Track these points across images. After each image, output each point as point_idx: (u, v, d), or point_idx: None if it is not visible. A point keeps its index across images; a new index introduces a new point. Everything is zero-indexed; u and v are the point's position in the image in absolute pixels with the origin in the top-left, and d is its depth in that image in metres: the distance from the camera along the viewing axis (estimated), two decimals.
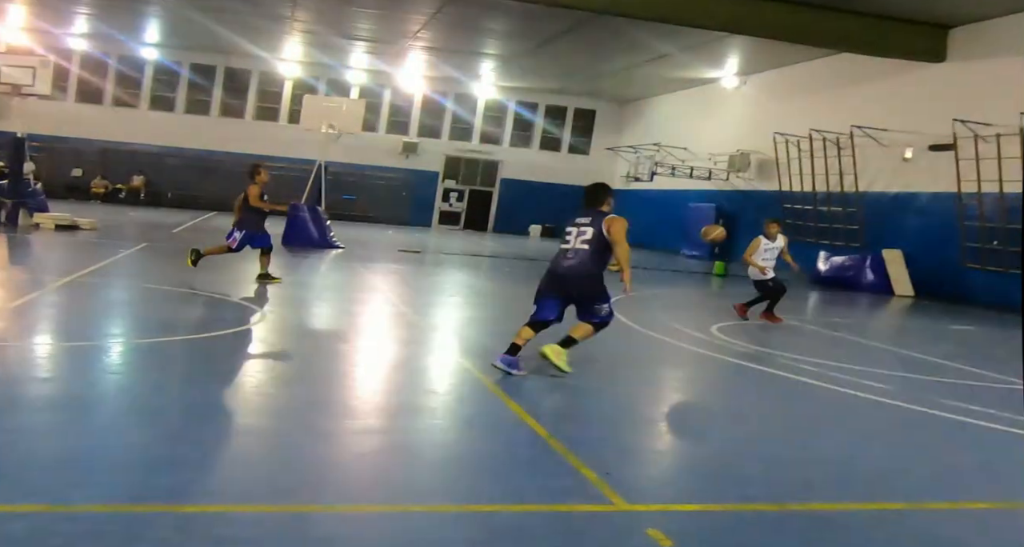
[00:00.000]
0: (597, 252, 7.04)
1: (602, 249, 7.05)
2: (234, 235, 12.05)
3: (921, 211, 21.83)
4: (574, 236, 7.14)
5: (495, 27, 26.54)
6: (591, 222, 7.11)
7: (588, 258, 7.03)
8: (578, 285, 7.10)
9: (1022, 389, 8.58)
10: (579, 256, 7.06)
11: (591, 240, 7.03)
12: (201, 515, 3.68)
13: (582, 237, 7.08)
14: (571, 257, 7.09)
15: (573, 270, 7.08)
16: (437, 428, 5.57)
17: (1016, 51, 19.39)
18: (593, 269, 7.08)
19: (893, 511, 4.60)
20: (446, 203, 39.66)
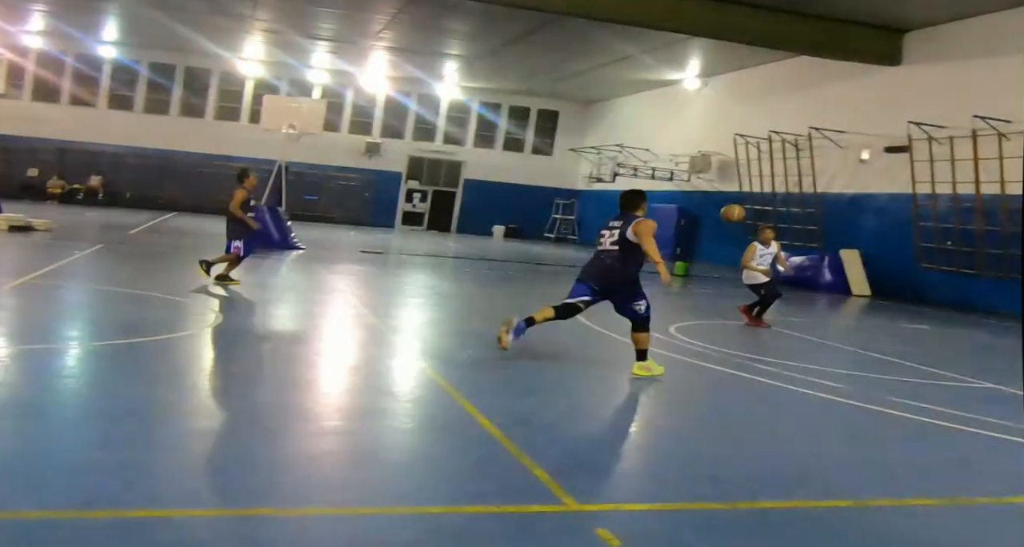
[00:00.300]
0: (625, 252, 7.55)
1: (630, 249, 7.53)
2: (235, 245, 11.94)
3: (878, 212, 22.17)
4: (606, 238, 7.72)
5: (458, 27, 26.54)
6: (622, 226, 7.62)
7: (617, 258, 7.59)
8: (610, 283, 7.68)
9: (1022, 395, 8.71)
10: (610, 256, 7.65)
11: (619, 241, 7.57)
12: (145, 520, 3.64)
13: (611, 239, 7.65)
14: (603, 257, 7.70)
15: (605, 269, 7.68)
16: (391, 430, 5.56)
17: (968, 55, 19.78)
18: (622, 268, 7.62)
19: (842, 509, 4.66)
20: (409, 204, 39.56)
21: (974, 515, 4.85)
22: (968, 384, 9.15)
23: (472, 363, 8.12)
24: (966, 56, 19.89)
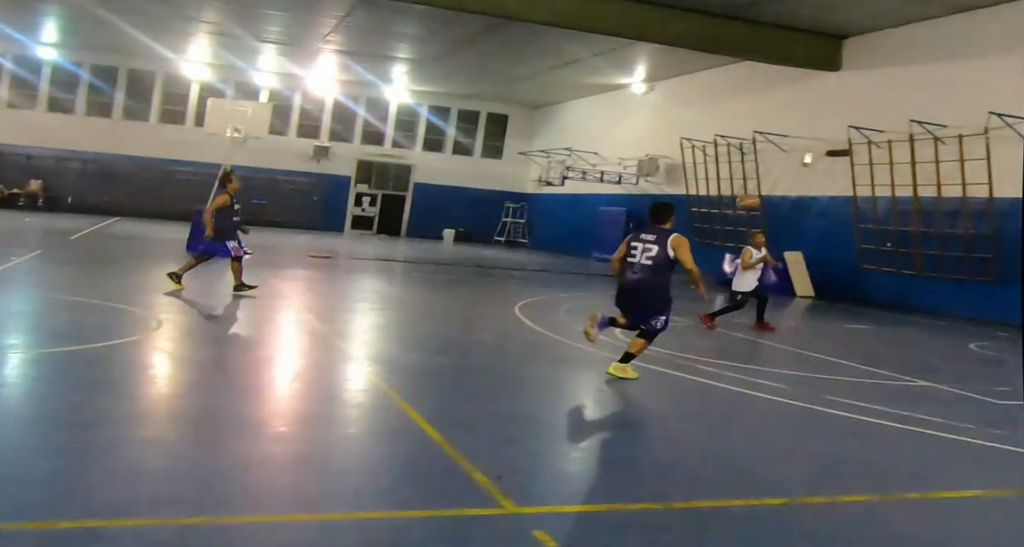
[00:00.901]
0: (660, 269, 7.68)
1: (665, 266, 7.68)
2: (230, 245, 11.95)
3: (820, 214, 22.60)
4: (640, 252, 7.74)
5: (406, 31, 26.46)
6: (656, 240, 7.71)
7: (651, 274, 7.68)
8: (641, 296, 7.83)
9: (957, 392, 8.93)
10: (644, 272, 7.70)
11: (655, 257, 7.65)
12: (77, 531, 3.59)
13: (647, 254, 7.68)
14: (637, 272, 7.74)
15: (639, 283, 7.75)
16: (331, 436, 5.54)
17: (905, 61, 20.27)
18: (656, 283, 7.74)
19: (776, 507, 4.75)
20: (358, 208, 39.33)
21: (907, 511, 4.97)
22: (905, 382, 9.37)
23: (417, 368, 8.12)
24: (903, 62, 20.39)
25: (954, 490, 5.39)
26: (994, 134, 17.27)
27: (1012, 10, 17.71)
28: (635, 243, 7.80)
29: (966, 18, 18.72)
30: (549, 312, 13.30)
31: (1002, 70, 17.78)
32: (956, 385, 9.27)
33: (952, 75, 18.91)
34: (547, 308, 13.90)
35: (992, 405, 8.43)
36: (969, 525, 4.81)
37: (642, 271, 7.69)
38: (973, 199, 17.96)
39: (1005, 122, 17.02)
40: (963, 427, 7.06)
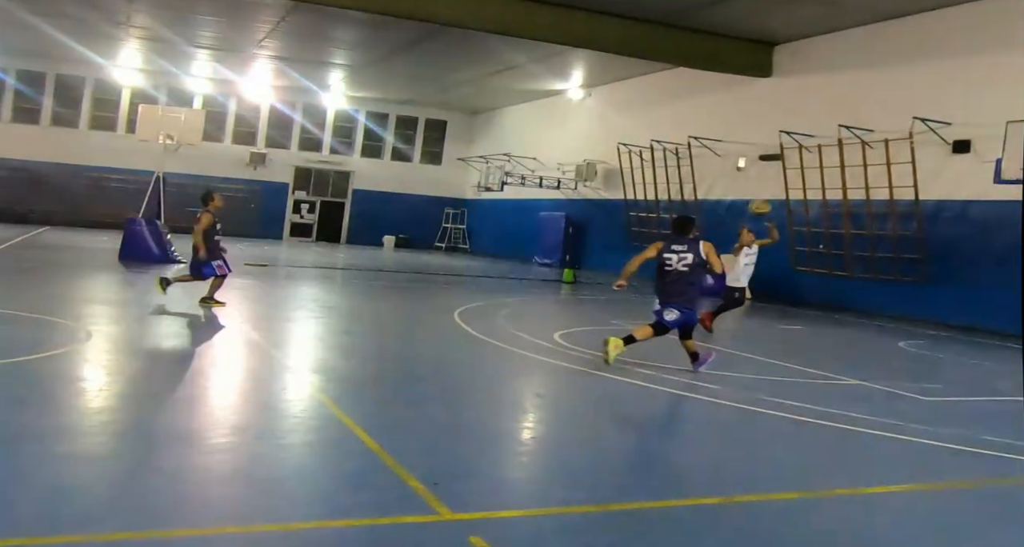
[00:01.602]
0: (695, 272, 8.99)
1: (698, 270, 8.98)
2: (218, 264, 11.98)
3: (754, 217, 22.95)
4: (675, 261, 8.96)
5: (343, 37, 26.31)
6: (688, 249, 8.97)
7: (691, 277, 8.98)
8: (690, 298, 9.03)
9: (887, 390, 9.13)
10: (684, 277, 8.96)
11: (691, 263, 8.92)
12: None
13: (683, 261, 8.93)
14: (677, 278, 8.98)
15: (685, 288, 8.99)
16: (266, 446, 5.47)
17: (833, 67, 20.79)
18: (696, 284, 9.06)
19: (711, 506, 4.83)
20: (297, 215, 38.94)
21: (838, 507, 5.08)
22: (837, 381, 9.59)
23: (354, 376, 8.07)
24: (831, 69, 20.91)
25: (883, 486, 5.53)
26: (918, 138, 17.79)
27: (934, 18, 18.30)
28: (669, 254, 9.00)
29: (890, 26, 19.29)
30: (488, 318, 13.32)
31: (925, 76, 18.36)
32: (886, 383, 9.51)
33: (878, 81, 19.46)
34: (487, 314, 13.92)
35: (920, 402, 8.67)
36: (898, 520, 4.93)
37: (682, 277, 8.97)
38: (900, 201, 18.48)
39: (928, 127, 17.56)
40: (892, 424, 7.25)
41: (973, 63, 17.45)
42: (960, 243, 17.33)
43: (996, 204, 16.56)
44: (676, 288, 8.99)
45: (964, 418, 8.08)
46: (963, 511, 5.18)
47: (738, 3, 19.18)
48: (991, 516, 5.10)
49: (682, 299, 8.99)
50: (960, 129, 17.31)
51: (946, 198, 17.79)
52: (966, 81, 17.49)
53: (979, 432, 7.17)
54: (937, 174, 17.89)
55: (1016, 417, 8.32)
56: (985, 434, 7.07)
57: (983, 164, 16.27)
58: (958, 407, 8.75)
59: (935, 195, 17.93)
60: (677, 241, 9.09)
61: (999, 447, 6.64)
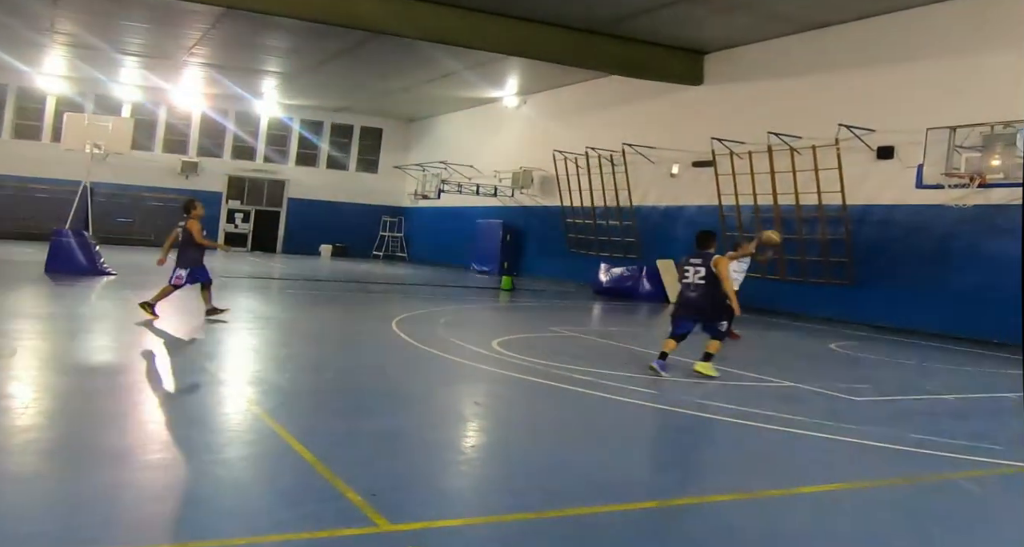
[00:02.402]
0: (711, 285, 9.33)
1: (715, 282, 9.33)
2: (179, 273, 11.97)
3: (689, 223, 23.30)
4: (692, 274, 9.47)
5: (275, 44, 26.03)
6: (702, 262, 9.41)
7: (706, 290, 9.35)
8: (703, 310, 9.45)
9: (819, 391, 9.33)
10: (699, 289, 9.39)
11: (706, 276, 9.35)
12: None
13: (698, 275, 9.40)
14: (694, 290, 9.45)
15: (698, 300, 9.42)
16: (202, 462, 5.37)
17: (762, 75, 21.25)
18: (711, 297, 9.36)
19: (647, 510, 4.89)
20: (231, 224, 38.35)
21: (772, 507, 5.18)
22: (770, 383, 9.78)
23: (290, 388, 7.98)
24: (760, 77, 21.37)
25: (815, 485, 5.66)
26: (844, 145, 18.28)
27: (858, 28, 18.83)
28: (687, 267, 9.52)
29: (816, 35, 19.80)
30: (427, 326, 13.29)
31: (850, 85, 18.88)
32: (817, 384, 9.73)
33: (805, 89, 19.95)
34: (425, 322, 13.89)
35: (851, 402, 8.89)
36: (830, 518, 5.05)
37: (698, 289, 9.41)
38: (828, 206, 18.95)
39: (853, 133, 18.05)
40: (824, 424, 7.43)
41: (895, 72, 18.00)
42: (886, 246, 17.83)
43: (919, 208, 17.09)
44: (696, 305, 9.49)
45: (893, 417, 8.31)
46: (893, 508, 5.33)
47: (669, 12, 19.48)
48: (920, 513, 5.26)
49: (709, 317, 9.49)
50: (884, 136, 17.83)
51: (872, 203, 18.30)
52: (889, 89, 18.04)
53: (907, 431, 7.39)
54: (863, 179, 18.40)
55: (942, 415, 8.59)
56: (913, 432, 7.29)
57: (906, 169, 16.80)
58: (887, 406, 8.99)
59: (861, 200, 18.44)
60: (695, 254, 9.60)
61: (927, 445, 6.85)
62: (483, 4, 19.94)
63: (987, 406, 9.44)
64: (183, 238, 12.19)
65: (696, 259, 9.51)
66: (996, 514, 5.35)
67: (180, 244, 12.28)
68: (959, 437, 7.22)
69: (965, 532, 4.91)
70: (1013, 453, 6.81)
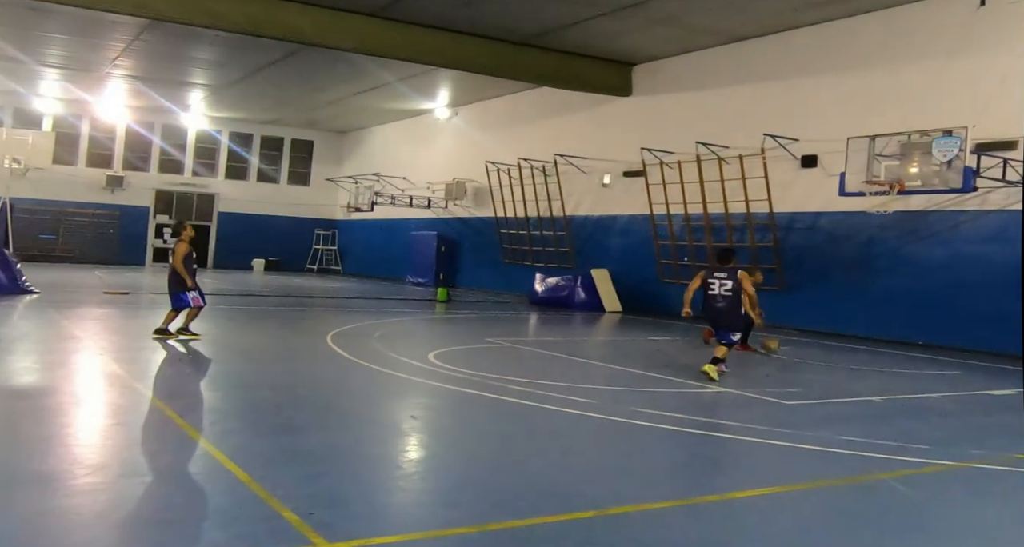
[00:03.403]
0: (736, 296, 10.41)
1: (738, 294, 10.41)
2: (192, 295, 12.16)
3: (622, 232, 23.63)
4: (718, 287, 10.43)
5: (202, 56, 25.60)
6: (728, 276, 10.43)
7: (732, 301, 10.42)
8: (726, 319, 10.47)
9: (755, 397, 9.47)
10: (726, 300, 10.40)
11: (732, 289, 10.37)
12: None
13: (724, 287, 10.39)
14: (720, 301, 10.42)
15: (724, 310, 10.43)
16: (131, 485, 5.23)
17: (689, 86, 21.63)
18: (735, 308, 10.48)
19: (586, 520, 4.89)
20: (160, 239, 37.47)
21: (710, 513, 5.24)
22: (705, 390, 9.91)
23: (222, 406, 7.83)
24: (687, 88, 21.75)
25: (751, 489, 5.74)
26: (770, 154, 18.70)
27: (780, 41, 19.31)
28: (712, 280, 10.46)
29: (740, 48, 20.24)
30: (362, 340, 13.17)
31: (774, 95, 19.33)
32: (750, 389, 9.90)
33: (730, 99, 20.36)
34: (360, 336, 13.77)
35: (783, 406, 9.06)
36: (767, 522, 5.13)
37: (724, 300, 10.38)
38: (757, 214, 19.34)
39: (778, 143, 18.47)
40: (757, 429, 7.56)
41: (817, 82, 18.49)
42: (813, 252, 18.27)
43: (842, 214, 17.55)
44: (721, 315, 10.46)
45: (824, 420, 8.49)
46: (827, 510, 5.44)
47: (595, 25, 19.71)
48: (853, 514, 5.37)
49: (726, 326, 10.51)
50: (807, 145, 18.29)
51: (798, 210, 18.73)
52: (811, 100, 18.51)
53: (838, 433, 7.55)
54: (789, 187, 18.83)
55: (871, 417, 8.81)
56: (844, 435, 7.46)
57: (829, 177, 17.23)
58: (818, 410, 9.19)
59: (788, 207, 18.87)
60: (719, 269, 10.58)
61: (858, 447, 7.01)
62: (413, 16, 19.92)
63: (913, 407, 9.72)
64: (183, 259, 12.25)
65: (721, 273, 10.47)
66: (925, 513, 5.50)
67: (170, 268, 12.31)
68: (888, 438, 7.41)
69: (897, 532, 5.04)
70: (939, 452, 7.02)
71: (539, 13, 19.28)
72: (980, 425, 8.78)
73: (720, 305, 10.43)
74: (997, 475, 6.49)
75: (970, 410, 9.71)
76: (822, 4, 17.34)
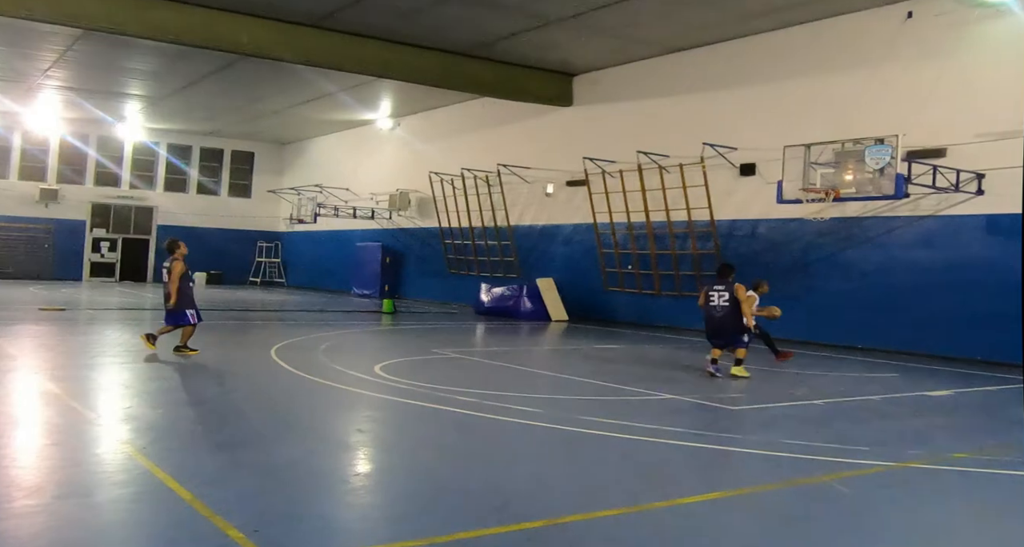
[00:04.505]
0: (733, 307, 11.49)
1: (735, 305, 11.50)
2: (189, 313, 12.36)
3: (566, 242, 23.76)
4: (716, 298, 11.60)
5: (137, 66, 25.15)
6: (725, 289, 11.58)
7: (729, 312, 11.54)
8: (725, 328, 11.59)
9: (700, 403, 9.55)
10: (724, 311, 11.56)
11: (729, 300, 11.51)
12: None
13: (722, 299, 11.56)
14: (719, 312, 11.58)
15: (723, 320, 11.59)
16: (70, 507, 5.09)
17: (629, 96, 21.89)
18: (734, 317, 11.53)
19: (534, 530, 4.90)
20: (97, 254, 36.70)
21: (657, 520, 5.27)
22: (651, 397, 10.01)
23: (163, 424, 7.68)
24: (627, 98, 22.00)
25: (699, 495, 5.79)
26: (709, 163, 19.00)
27: (716, 51, 19.64)
28: (712, 292, 11.64)
29: (677, 58, 20.55)
30: (307, 353, 13.04)
31: (712, 105, 19.65)
32: (696, 395, 10.03)
33: (670, 109, 20.65)
34: (305, 349, 13.63)
35: (728, 411, 9.19)
36: (715, 526, 5.19)
37: (723, 311, 11.54)
38: (698, 222, 19.61)
39: (717, 152, 18.78)
40: (704, 435, 7.66)
41: (753, 92, 18.83)
42: (753, 258, 18.54)
43: (781, 221, 17.90)
44: (720, 323, 11.58)
45: (768, 424, 8.64)
46: (773, 513, 5.52)
47: (534, 36, 19.84)
48: (798, 516, 5.46)
49: (731, 333, 11.58)
50: (745, 153, 18.62)
51: (738, 217, 19.04)
52: (748, 109, 18.86)
53: (782, 437, 7.69)
54: (728, 195, 19.14)
55: (812, 421, 8.98)
56: (787, 438, 7.59)
57: (767, 185, 17.55)
58: (762, 414, 9.33)
59: (728, 215, 19.17)
60: (718, 282, 11.76)
61: (800, 450, 7.14)
62: (354, 27, 19.84)
63: (854, 409, 9.92)
64: (171, 279, 12.34)
65: (719, 286, 11.63)
66: (865, 514, 5.61)
67: (167, 287, 12.47)
68: (829, 440, 7.55)
69: (838, 533, 5.13)
70: (879, 453, 7.18)
71: (479, 25, 19.34)
72: (918, 426, 8.99)
73: (718, 315, 11.58)
74: (934, 474, 6.66)
75: (908, 411, 9.95)
76: (756, 16, 17.70)
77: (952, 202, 15.39)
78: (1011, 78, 14.42)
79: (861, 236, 16.82)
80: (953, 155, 15.21)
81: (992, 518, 5.66)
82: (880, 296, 16.42)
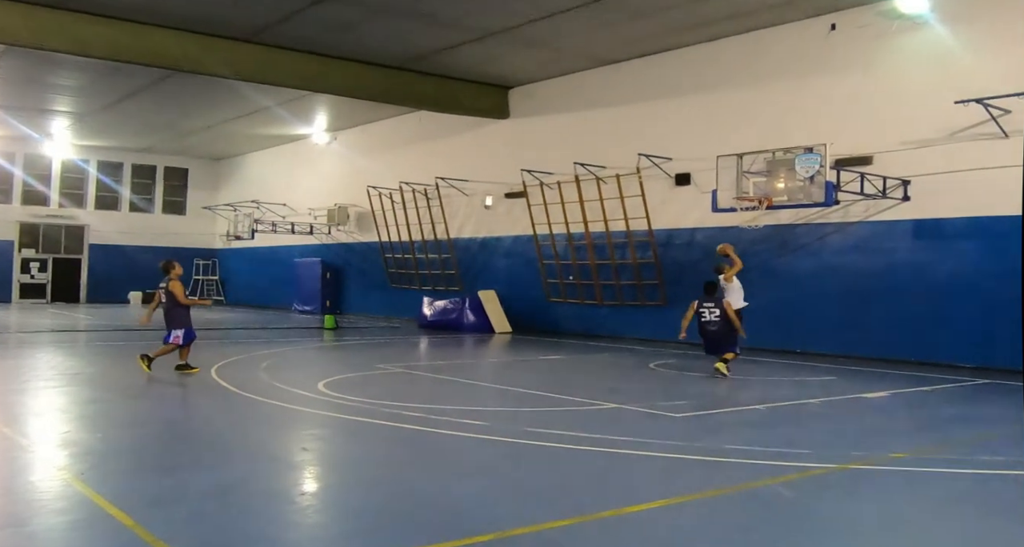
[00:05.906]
0: (724, 321, 12.39)
1: (726, 318, 12.37)
2: (175, 334, 12.29)
3: (507, 254, 23.82)
4: (708, 314, 12.46)
5: (64, 82, 24.57)
6: (715, 304, 12.45)
7: (721, 325, 12.43)
8: (719, 339, 12.59)
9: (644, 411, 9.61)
10: (717, 324, 12.43)
11: (720, 315, 12.40)
12: None
13: (714, 314, 12.43)
14: (713, 326, 12.46)
15: (716, 333, 12.52)
16: (5, 537, 4.94)
17: (565, 108, 22.10)
18: (725, 330, 12.46)
19: (484, 543, 4.89)
20: (26, 275, 35.67)
21: (610, 528, 5.30)
22: (596, 406, 10.07)
23: (101, 448, 7.49)
24: (563, 110, 22.19)
25: (645, 503, 5.85)
26: (645, 173, 19.26)
27: (648, 64, 19.95)
28: (703, 308, 12.47)
29: (611, 70, 20.81)
30: (248, 372, 12.85)
31: (647, 116, 19.93)
32: (640, 404, 10.12)
33: (605, 120, 20.90)
34: (246, 368, 13.43)
35: (672, 419, 9.30)
36: (661, 534, 5.24)
37: (716, 324, 12.42)
38: (636, 232, 19.84)
39: (652, 162, 19.05)
40: (649, 443, 7.73)
41: (686, 103, 19.16)
42: (692, 266, 18.79)
43: (717, 230, 18.15)
44: (716, 336, 12.55)
45: (712, 430, 8.76)
46: (718, 518, 5.60)
47: (468, 49, 19.90)
48: (742, 520, 5.55)
49: (726, 345, 12.57)
50: (680, 163, 18.91)
51: (675, 227, 19.32)
52: (682, 120, 19.17)
53: (725, 442, 7.81)
54: (665, 205, 19.40)
55: (755, 425, 9.13)
56: (731, 444, 7.71)
57: (702, 194, 17.85)
58: (706, 420, 9.46)
59: (665, 224, 19.43)
60: (707, 299, 12.53)
61: (742, 454, 7.26)
62: (287, 42, 19.68)
63: (794, 413, 10.12)
64: (168, 300, 12.37)
65: (709, 302, 12.47)
66: (808, 516, 5.72)
67: (166, 306, 12.43)
68: (772, 444, 7.69)
69: (782, 536, 5.22)
70: (819, 456, 7.33)
71: (412, 39, 19.34)
72: (857, 427, 9.19)
73: (713, 329, 12.47)
74: (875, 475, 6.82)
75: (847, 413, 10.17)
76: (686, 29, 18.03)
77: (880, 208, 15.83)
78: (932, 87, 14.92)
79: (794, 243, 17.19)
80: (880, 162, 15.66)
81: (931, 516, 5.82)
82: (814, 301, 16.79)
